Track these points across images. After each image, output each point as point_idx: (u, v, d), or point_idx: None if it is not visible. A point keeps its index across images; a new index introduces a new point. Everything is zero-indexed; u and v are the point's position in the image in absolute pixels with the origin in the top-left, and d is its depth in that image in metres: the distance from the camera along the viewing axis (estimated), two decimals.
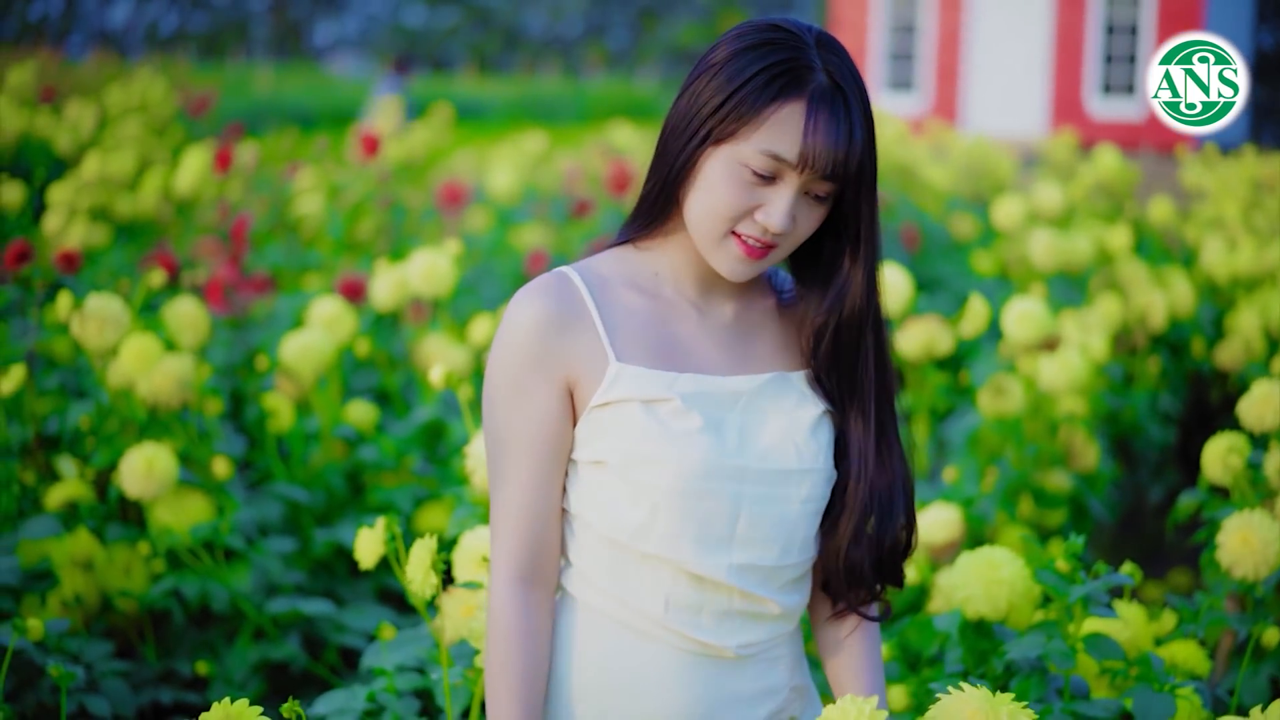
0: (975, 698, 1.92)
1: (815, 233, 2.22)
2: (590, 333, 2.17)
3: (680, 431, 2.15)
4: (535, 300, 2.17)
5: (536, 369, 2.16)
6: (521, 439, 2.18)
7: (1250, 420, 3.95)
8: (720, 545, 2.18)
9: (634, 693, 2.20)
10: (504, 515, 2.21)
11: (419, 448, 4.56)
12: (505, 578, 2.19)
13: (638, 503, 2.16)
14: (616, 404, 2.16)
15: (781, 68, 2.10)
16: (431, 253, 4.47)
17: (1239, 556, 3.38)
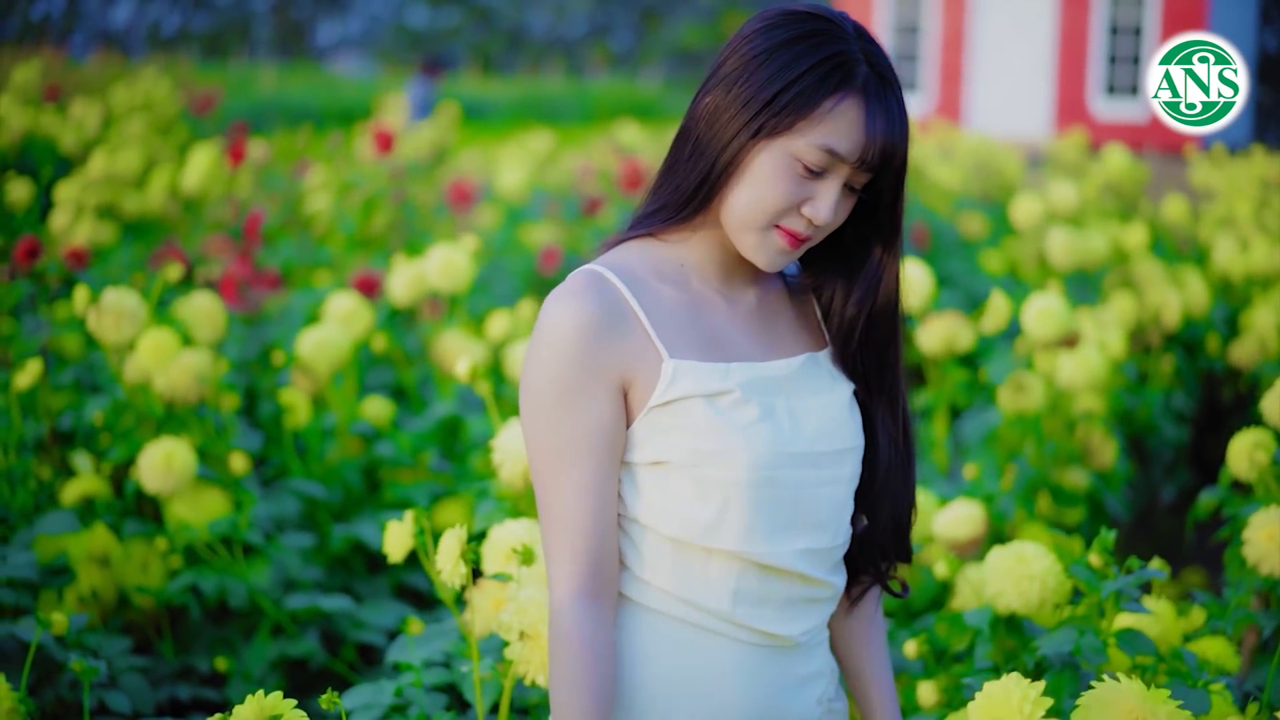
0: (1132, 692, 1.88)
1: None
2: (638, 330, 2.13)
3: (743, 423, 2.13)
4: (578, 301, 2.10)
5: (589, 372, 2.09)
6: (580, 446, 2.10)
7: (1273, 417, 3.93)
8: (787, 532, 2.17)
9: (702, 692, 2.17)
10: (564, 529, 2.12)
11: (436, 444, 4.54)
12: (572, 595, 2.10)
13: (706, 499, 2.12)
14: (678, 402, 2.12)
15: (835, 61, 2.08)
16: (449, 248, 4.45)
17: (1266, 552, 3.35)
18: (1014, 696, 1.86)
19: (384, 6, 47.22)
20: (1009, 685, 1.87)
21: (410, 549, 2.67)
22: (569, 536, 2.11)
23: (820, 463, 2.19)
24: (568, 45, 45.49)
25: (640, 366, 2.12)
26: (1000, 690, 1.88)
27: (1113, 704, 1.87)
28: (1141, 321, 6.58)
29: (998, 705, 1.87)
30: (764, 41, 2.11)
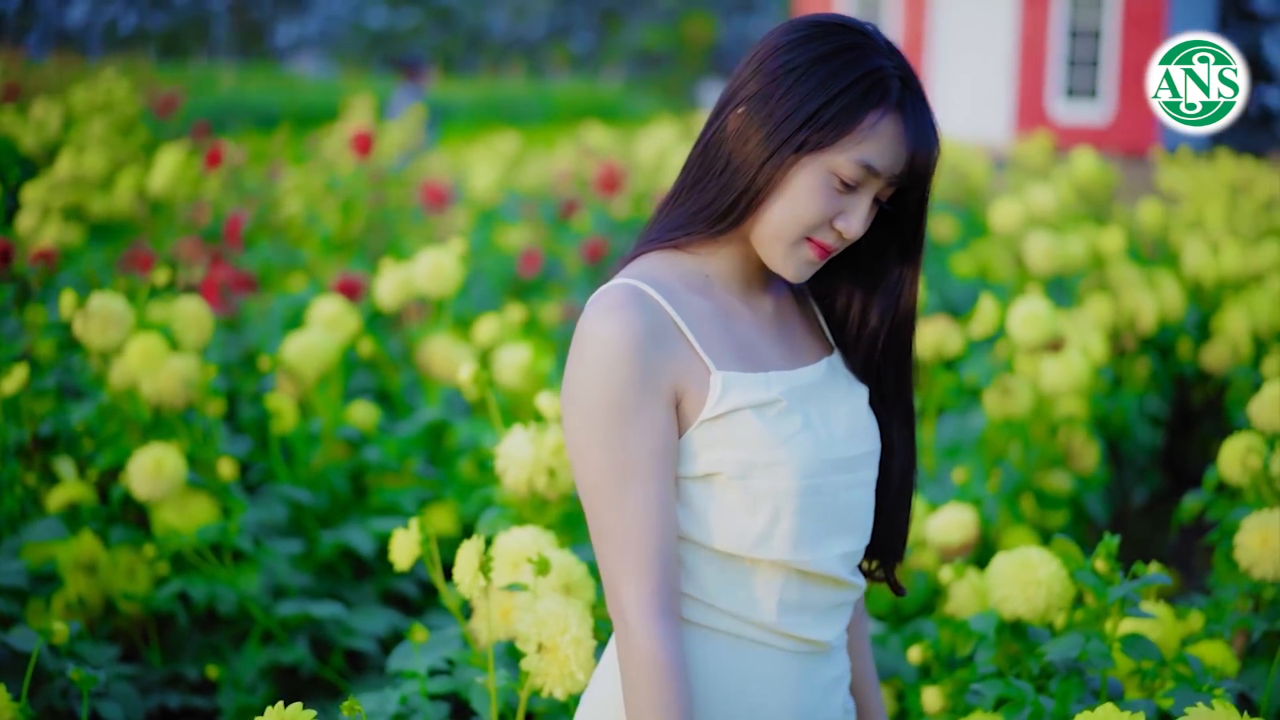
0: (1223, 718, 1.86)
1: None
2: (682, 343, 2.11)
3: (790, 432, 2.13)
4: (623, 314, 2.07)
5: (645, 386, 2.06)
6: (642, 463, 2.06)
7: (1261, 421, 3.95)
8: (830, 538, 2.18)
9: (748, 704, 2.17)
10: (631, 548, 2.06)
11: (421, 449, 4.52)
12: (648, 615, 2.05)
13: (757, 511, 2.11)
14: (729, 414, 2.10)
15: (875, 77, 2.09)
16: (437, 252, 4.43)
17: (1258, 556, 3.37)
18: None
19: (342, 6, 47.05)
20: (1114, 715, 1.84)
21: (417, 557, 2.65)
22: (637, 555, 2.06)
23: (854, 466, 2.21)
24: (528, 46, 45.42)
25: (689, 379, 2.10)
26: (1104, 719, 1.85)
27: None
28: (1117, 325, 6.61)
29: None
30: (801, 55, 2.10)
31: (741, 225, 2.15)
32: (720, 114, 2.17)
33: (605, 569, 2.09)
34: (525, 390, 4.36)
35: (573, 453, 2.11)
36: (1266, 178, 11.50)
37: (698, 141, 2.20)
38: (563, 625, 2.34)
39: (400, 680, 2.89)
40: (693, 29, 38.74)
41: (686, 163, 2.22)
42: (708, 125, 2.19)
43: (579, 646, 2.33)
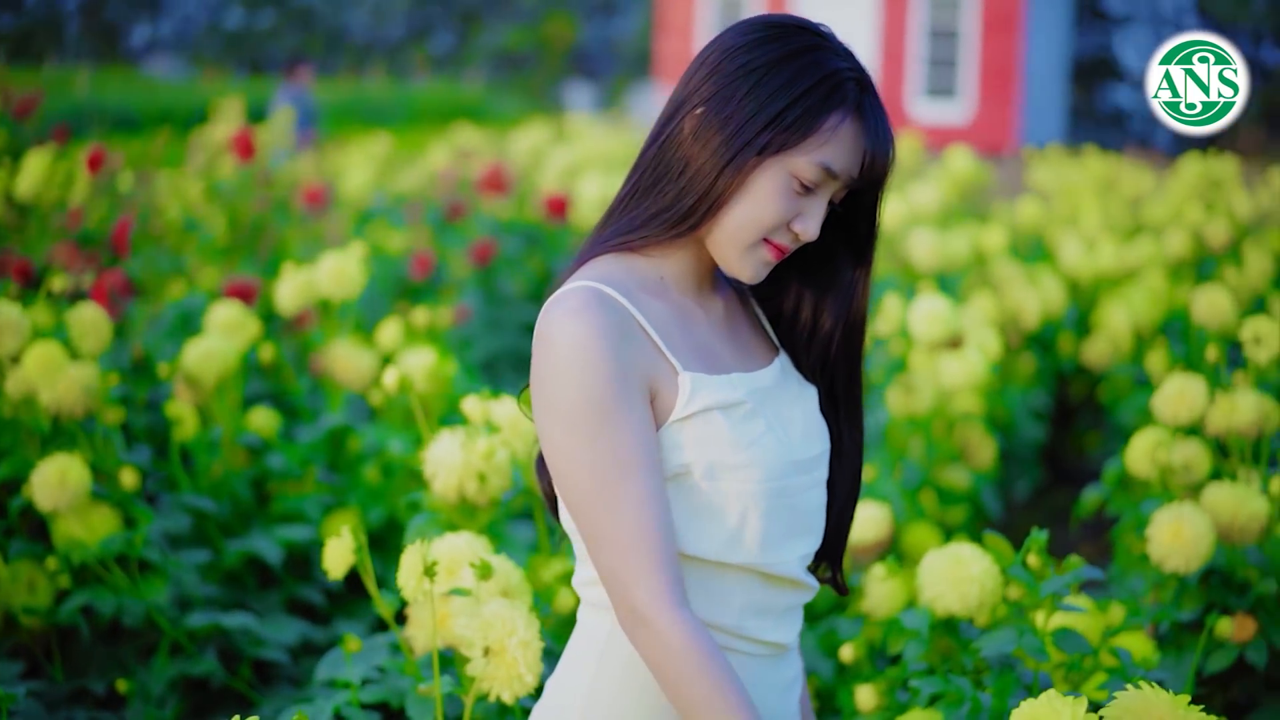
0: (1163, 700, 1.87)
1: None
2: (648, 343, 2.09)
3: (755, 434, 2.13)
4: (589, 315, 2.04)
5: (623, 381, 2.03)
6: (633, 458, 2.02)
7: (1165, 415, 4.02)
8: (790, 540, 2.18)
9: None
10: (637, 545, 2.01)
11: (324, 455, 4.46)
12: (670, 609, 2.00)
13: (726, 514, 2.10)
14: (699, 415, 2.09)
15: (835, 79, 2.09)
16: (339, 254, 4.38)
17: (1170, 549, 3.42)
18: (1063, 715, 1.84)
19: (197, 7, 46.39)
20: (1058, 705, 1.86)
21: (352, 565, 2.61)
22: (646, 554, 2.01)
23: (810, 467, 2.21)
24: (388, 47, 45.08)
25: (659, 378, 2.09)
26: (1047, 710, 1.86)
27: (1144, 712, 1.87)
28: (1001, 322, 6.69)
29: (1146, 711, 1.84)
30: (760, 56, 2.10)
31: (700, 228, 2.14)
32: (675, 116, 2.15)
33: (612, 574, 2.04)
34: (429, 395, 4.32)
35: (559, 462, 2.07)
36: (1131, 174, 11.73)
37: (650, 143, 2.18)
38: (510, 628, 2.32)
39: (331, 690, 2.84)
40: (554, 30, 38.71)
41: (638, 165, 2.20)
42: (660, 127, 2.17)
43: (527, 649, 2.31)
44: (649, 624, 2.00)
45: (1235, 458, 4.06)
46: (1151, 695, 1.87)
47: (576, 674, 2.21)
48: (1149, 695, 1.87)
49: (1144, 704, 1.86)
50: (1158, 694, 1.86)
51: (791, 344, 2.31)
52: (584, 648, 2.22)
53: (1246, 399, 3.95)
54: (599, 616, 2.19)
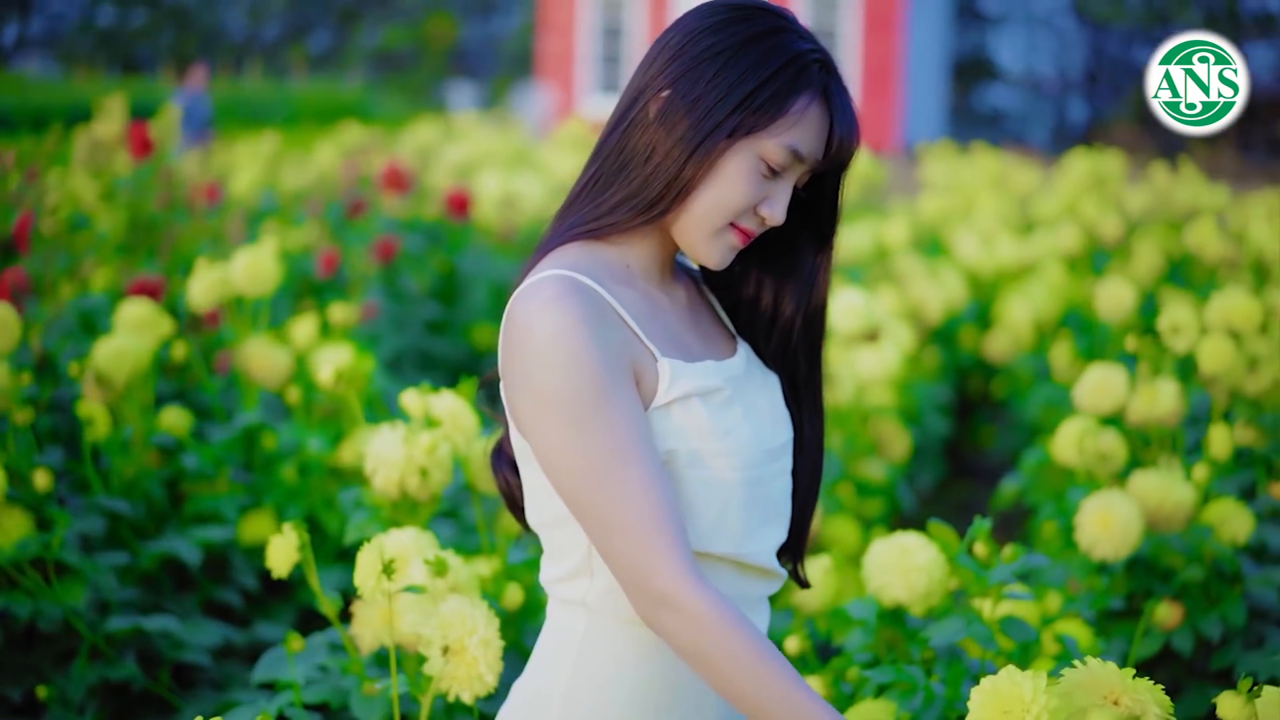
0: (1111, 673, 1.88)
1: None
2: (626, 330, 2.05)
3: (733, 422, 2.10)
4: (568, 302, 1.99)
5: (612, 366, 1.98)
6: (632, 441, 1.97)
7: (1086, 405, 4.06)
8: (763, 529, 2.15)
9: (689, 701, 2.13)
10: (651, 530, 1.94)
11: (238, 455, 4.38)
12: (693, 586, 1.93)
13: (708, 503, 2.06)
14: (679, 401, 2.06)
15: (802, 61, 2.07)
16: (254, 251, 4.30)
17: (1099, 537, 3.45)
18: (1025, 690, 1.84)
19: (68, 5, 45.64)
20: (1018, 679, 1.86)
21: (295, 563, 2.56)
22: (659, 533, 1.95)
23: (780, 455, 2.19)
24: (265, 46, 44.60)
25: (641, 364, 2.05)
26: (1008, 684, 1.86)
27: (1093, 686, 1.88)
28: (904, 316, 6.73)
29: (1006, 700, 1.85)
30: (727, 38, 2.07)
31: (668, 214, 2.11)
32: (637, 100, 2.11)
33: (628, 562, 1.97)
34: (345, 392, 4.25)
35: (555, 456, 2.01)
36: (1019, 171, 11.87)
37: (611, 130, 2.14)
38: (470, 626, 2.27)
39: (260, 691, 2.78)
40: (434, 29, 38.49)
41: (599, 152, 2.16)
42: (622, 112, 2.13)
43: (488, 648, 2.27)
44: (675, 605, 1.93)
45: (1156, 446, 4.11)
46: (1100, 669, 1.88)
47: (551, 673, 2.15)
48: (1097, 669, 1.89)
49: (1093, 678, 1.88)
50: (1106, 668, 1.88)
51: (752, 332, 2.29)
52: (557, 646, 2.16)
53: (1167, 388, 3.99)
54: (572, 613, 2.15)
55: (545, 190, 9.04)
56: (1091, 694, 1.87)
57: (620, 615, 2.10)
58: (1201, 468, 3.79)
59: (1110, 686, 1.87)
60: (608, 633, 2.11)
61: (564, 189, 9.30)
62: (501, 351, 2.08)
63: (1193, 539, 3.67)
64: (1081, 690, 1.88)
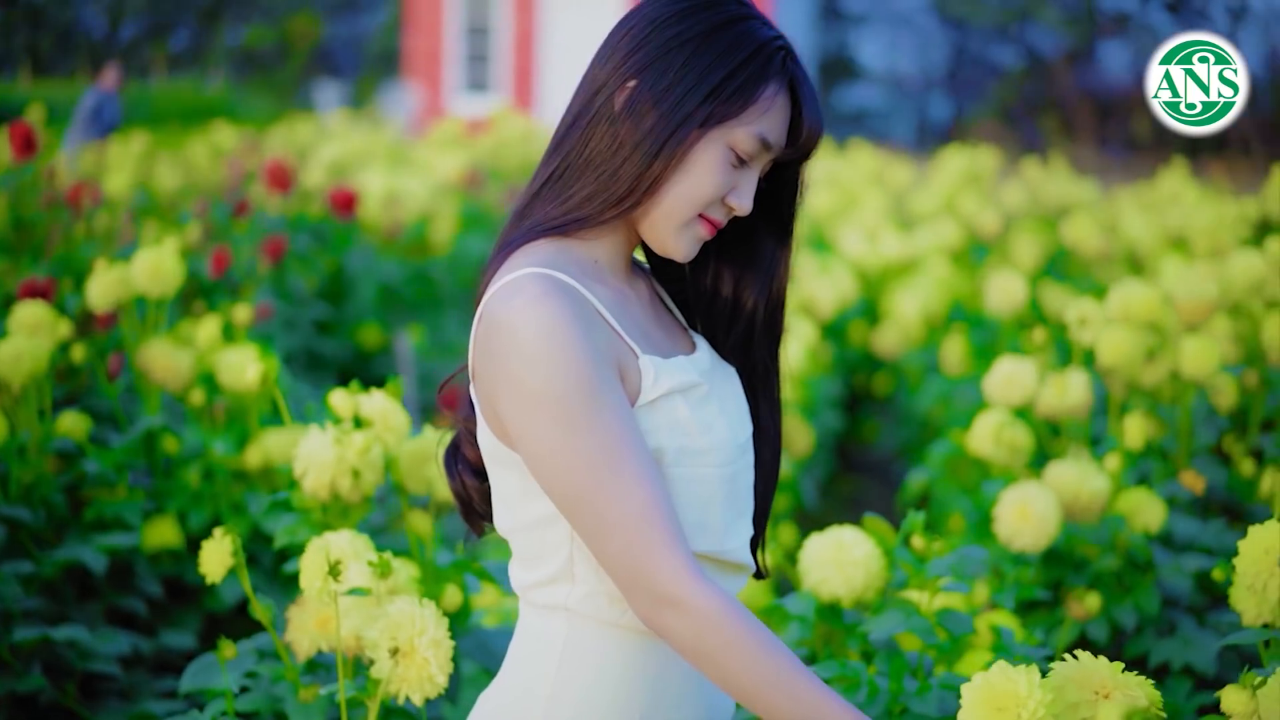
0: (1103, 667, 1.88)
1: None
2: (606, 327, 2.02)
3: (711, 417, 2.07)
4: (551, 301, 1.95)
5: (599, 362, 1.94)
6: (626, 437, 1.94)
7: (997, 397, 4.09)
8: (739, 524, 2.12)
9: (662, 701, 2.09)
10: (651, 526, 1.91)
11: (139, 459, 4.28)
12: (693, 582, 1.90)
13: (691, 501, 2.03)
14: (663, 399, 2.02)
15: (768, 49, 2.05)
16: (155, 250, 4.20)
17: (1018, 528, 3.48)
18: (1019, 686, 1.83)
19: None
20: (1012, 675, 1.85)
21: (229, 567, 2.50)
22: (657, 530, 1.92)
23: (747, 449, 2.16)
24: (124, 46, 43.84)
25: (623, 362, 2.01)
26: (1002, 680, 1.85)
27: (1085, 680, 1.88)
28: (797, 312, 6.76)
29: (1000, 697, 1.84)
30: (694, 26, 2.04)
31: (638, 207, 2.08)
32: (599, 92, 2.07)
33: (627, 562, 1.93)
34: (252, 393, 4.18)
35: (548, 458, 1.96)
36: (894, 168, 11.98)
37: (571, 124, 2.10)
38: (420, 627, 2.23)
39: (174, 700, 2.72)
40: (297, 28, 38.07)
41: (560, 146, 2.11)
42: (583, 105, 2.09)
43: (439, 648, 2.23)
44: (679, 605, 1.90)
45: (1066, 438, 4.16)
46: (1090, 664, 1.88)
47: (531, 677, 2.09)
48: (1088, 663, 1.89)
49: (1084, 672, 1.88)
50: (1097, 662, 1.88)
51: (711, 325, 2.25)
52: (536, 650, 2.10)
53: (1077, 380, 4.03)
54: (552, 618, 2.10)
55: (428, 189, 8.97)
56: (1083, 689, 1.87)
57: (602, 618, 2.06)
58: (1114, 458, 3.83)
59: (1101, 681, 1.87)
60: (590, 636, 2.07)
61: (447, 188, 9.25)
62: (480, 353, 2.03)
63: (1107, 529, 3.71)
64: (1072, 685, 1.88)
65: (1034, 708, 1.80)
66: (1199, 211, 9.06)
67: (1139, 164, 23.43)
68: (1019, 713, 1.81)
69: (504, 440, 2.04)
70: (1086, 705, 1.85)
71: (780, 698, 1.88)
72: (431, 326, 8.00)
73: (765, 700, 1.90)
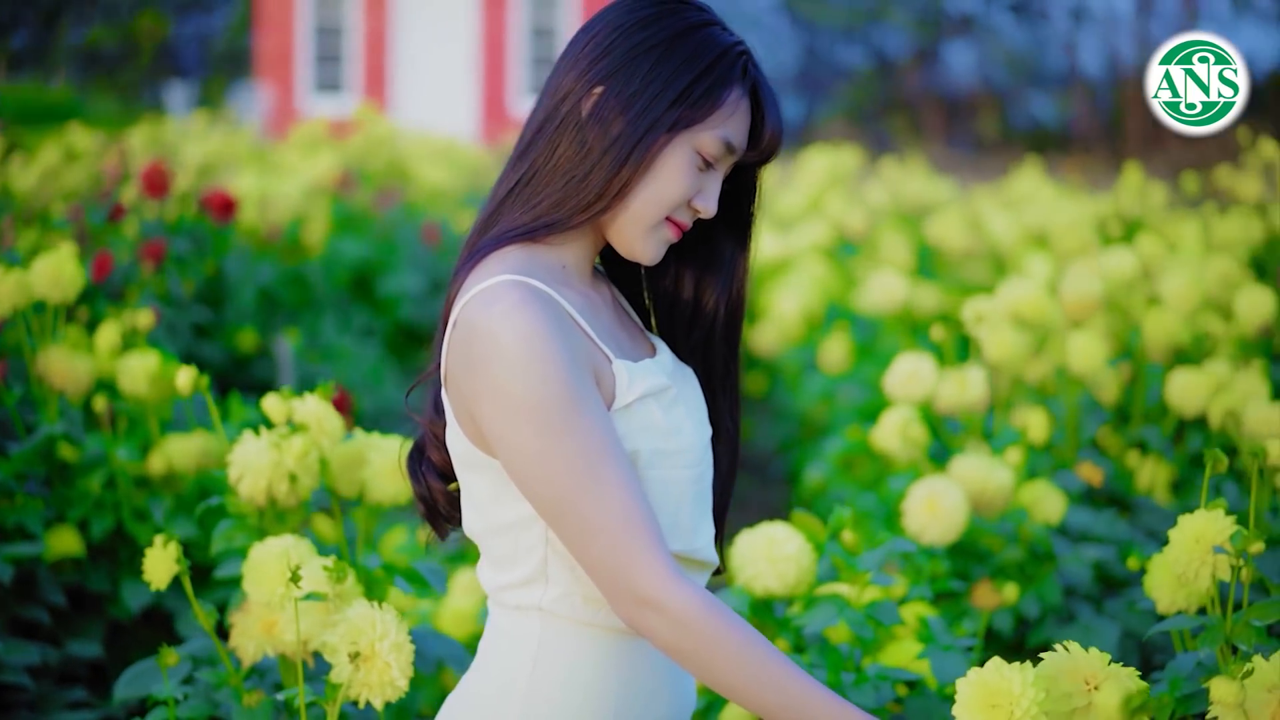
0: (1093, 658, 1.93)
1: None
2: (581, 333, 2.06)
3: (680, 419, 2.12)
4: (529, 310, 1.98)
5: (579, 369, 1.98)
6: (606, 441, 1.97)
7: (899, 394, 4.17)
8: (704, 523, 2.17)
9: (636, 700, 2.13)
10: (631, 529, 1.95)
11: (39, 467, 4.21)
12: (673, 583, 1.94)
13: (664, 502, 2.07)
14: (637, 402, 2.06)
15: (731, 54, 2.11)
16: (54, 255, 4.14)
17: (928, 522, 3.56)
18: (1014, 683, 1.88)
19: None
20: (1005, 672, 1.90)
21: (175, 574, 2.50)
22: (637, 533, 1.95)
23: (708, 449, 2.21)
24: None
25: (598, 367, 2.05)
26: (996, 677, 1.90)
27: (1074, 671, 1.93)
28: None
29: (994, 694, 1.88)
30: (658, 32, 2.09)
31: (607, 211, 2.11)
32: (565, 99, 2.10)
33: (608, 565, 1.97)
34: (153, 399, 4.14)
35: (530, 464, 1.99)
36: None
37: (536, 132, 2.13)
38: (381, 631, 2.24)
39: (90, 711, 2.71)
40: (143, 27, 37.46)
41: (524, 154, 2.14)
42: (549, 112, 2.12)
43: (400, 652, 2.24)
44: (659, 606, 1.94)
45: (965, 433, 4.25)
46: (1080, 655, 1.94)
47: (506, 677, 2.12)
48: (1081, 654, 1.94)
49: (1073, 663, 1.94)
50: (1086, 654, 1.94)
51: (671, 327, 2.29)
52: (510, 649, 2.13)
53: (975, 376, 4.13)
54: (525, 618, 2.12)
55: (299, 191, 8.90)
56: (1074, 679, 1.93)
57: (576, 617, 2.10)
58: (1014, 452, 3.94)
59: (1091, 671, 1.93)
60: (564, 635, 2.10)
61: (318, 190, 9.18)
62: (456, 360, 2.05)
63: (1010, 522, 3.81)
64: (1066, 675, 1.93)
65: (1027, 705, 1.86)
66: (1058, 210, 9.25)
67: (986, 163, 23.82)
68: (1012, 710, 1.86)
69: (479, 445, 2.07)
70: (1079, 695, 1.90)
71: (767, 693, 1.93)
72: (308, 329, 7.95)
73: (752, 696, 1.94)
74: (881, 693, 2.70)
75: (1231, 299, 5.54)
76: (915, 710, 2.77)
